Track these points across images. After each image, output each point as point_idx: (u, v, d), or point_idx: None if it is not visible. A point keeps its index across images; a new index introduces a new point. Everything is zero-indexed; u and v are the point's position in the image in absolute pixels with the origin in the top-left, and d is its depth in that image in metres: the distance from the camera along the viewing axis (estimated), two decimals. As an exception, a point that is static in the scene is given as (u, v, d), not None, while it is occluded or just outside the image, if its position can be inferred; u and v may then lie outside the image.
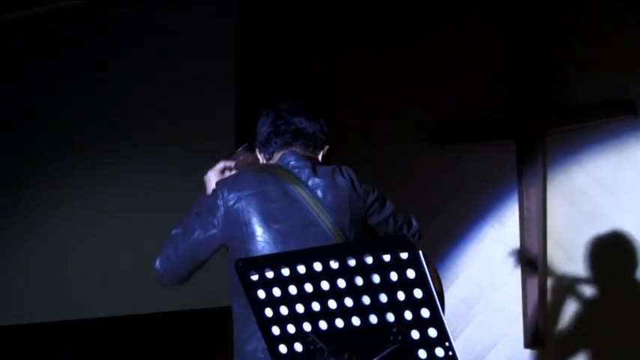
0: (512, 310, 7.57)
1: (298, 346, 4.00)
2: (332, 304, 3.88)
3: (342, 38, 8.50)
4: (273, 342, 4.05)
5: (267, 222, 5.06)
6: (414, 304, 3.78)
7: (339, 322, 3.90)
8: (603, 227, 7.49)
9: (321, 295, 3.90)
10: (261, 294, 4.00)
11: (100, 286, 8.71)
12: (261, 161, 5.34)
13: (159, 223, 8.38)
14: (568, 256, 7.41)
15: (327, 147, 5.52)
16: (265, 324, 4.04)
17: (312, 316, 3.94)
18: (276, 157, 5.27)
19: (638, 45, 7.57)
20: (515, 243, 7.63)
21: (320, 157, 5.42)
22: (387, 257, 3.75)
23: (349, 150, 8.30)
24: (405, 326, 3.81)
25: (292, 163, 5.19)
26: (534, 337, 7.43)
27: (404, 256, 3.73)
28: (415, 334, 3.80)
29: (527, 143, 7.70)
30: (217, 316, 8.29)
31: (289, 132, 5.31)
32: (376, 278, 3.79)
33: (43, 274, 8.94)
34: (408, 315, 3.79)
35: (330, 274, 3.86)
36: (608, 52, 7.65)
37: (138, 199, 8.76)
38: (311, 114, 5.45)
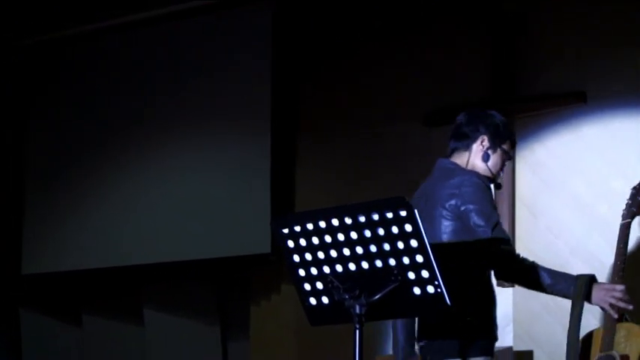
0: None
1: (319, 285, 4.03)
2: (346, 251, 3.92)
3: (351, 37, 8.41)
4: (299, 281, 4.08)
5: None
6: (410, 252, 3.81)
7: (352, 266, 3.93)
8: (559, 191, 7.46)
9: (337, 245, 3.93)
10: (290, 244, 4.03)
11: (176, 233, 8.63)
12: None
13: (204, 186, 8.47)
14: (531, 213, 7.38)
15: None
16: (293, 267, 4.07)
17: (330, 261, 3.97)
18: None
19: (589, 44, 7.50)
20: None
21: None
22: (389, 214, 3.79)
23: (352, 130, 8.32)
24: (403, 269, 3.83)
25: None
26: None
27: (403, 213, 3.77)
28: (411, 275, 3.84)
29: (500, 124, 7.67)
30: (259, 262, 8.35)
31: None
32: (381, 231, 3.83)
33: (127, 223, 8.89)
34: (405, 260, 3.82)
35: (344, 228, 3.89)
36: (565, 50, 7.58)
37: (192, 167, 8.68)
38: None
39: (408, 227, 3.77)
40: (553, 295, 4.91)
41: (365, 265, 3.90)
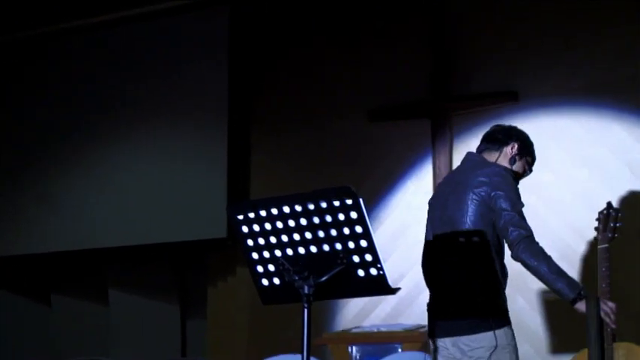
0: (426, 242, 7.61)
1: (271, 267, 4.03)
2: (296, 236, 3.92)
3: (303, 36, 8.42)
4: (252, 264, 4.08)
5: None
6: (355, 237, 3.81)
7: (301, 250, 3.93)
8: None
9: (288, 230, 3.93)
10: (245, 229, 4.03)
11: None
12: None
13: (166, 174, 8.45)
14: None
15: None
16: (247, 251, 4.07)
17: (281, 245, 3.97)
18: None
19: (522, 46, 7.55)
20: (429, 194, 7.62)
21: None
22: (336, 202, 3.79)
23: (303, 123, 8.33)
24: (348, 253, 3.84)
25: None
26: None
27: (349, 201, 3.77)
28: (356, 259, 3.84)
29: (439, 121, 7.69)
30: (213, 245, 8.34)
31: None
32: (328, 218, 3.83)
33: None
34: (350, 244, 3.82)
35: (295, 215, 3.89)
36: (499, 51, 7.62)
37: (154, 156, 8.67)
38: None
39: (354, 214, 3.78)
40: (551, 287, 4.91)
41: (313, 249, 3.90)
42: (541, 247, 4.91)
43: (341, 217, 3.80)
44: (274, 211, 3.93)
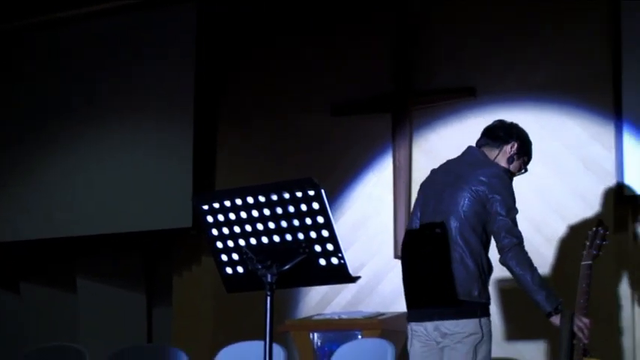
0: (386, 232, 7.61)
1: (235, 256, 4.03)
2: (260, 226, 3.92)
3: (269, 32, 8.41)
4: (217, 253, 4.07)
5: None
6: (317, 227, 3.82)
7: (265, 239, 3.93)
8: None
9: (252, 220, 3.93)
10: (209, 219, 4.03)
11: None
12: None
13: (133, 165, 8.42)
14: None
15: None
16: (212, 240, 4.06)
17: (245, 235, 3.97)
18: None
19: (481, 43, 7.57)
20: (389, 186, 7.65)
21: None
22: (299, 193, 3.79)
23: (268, 117, 8.33)
24: (310, 242, 3.84)
25: None
26: (401, 250, 7.48)
27: (311, 193, 3.78)
28: (317, 248, 3.85)
29: (400, 116, 7.71)
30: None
31: None
32: (291, 208, 3.83)
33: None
34: (312, 234, 3.83)
35: (258, 205, 3.90)
36: (458, 50, 7.66)
37: (123, 147, 8.63)
38: None
39: (316, 205, 3.78)
40: (530, 296, 4.98)
41: (276, 238, 3.90)
42: (529, 257, 5.00)
43: (303, 207, 3.81)
44: (238, 201, 3.93)
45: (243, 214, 3.94)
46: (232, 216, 3.96)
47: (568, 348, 5.09)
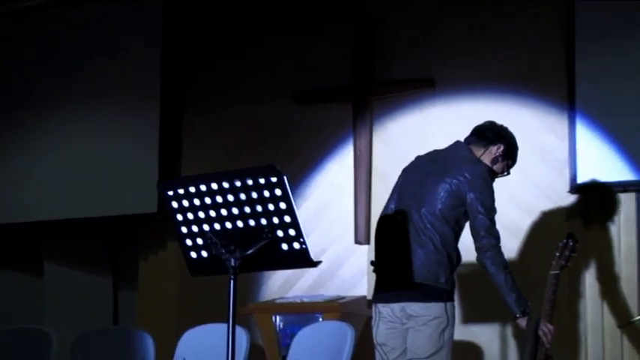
0: (347, 218, 7.61)
1: (199, 241, 4.02)
2: (223, 211, 3.91)
3: (235, 22, 8.37)
4: (181, 237, 4.06)
5: None
6: (279, 213, 3.81)
7: (228, 224, 3.92)
8: (407, 162, 7.54)
9: (216, 206, 3.92)
10: (174, 204, 4.02)
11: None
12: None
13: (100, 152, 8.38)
14: (385, 181, 7.44)
15: None
16: (176, 225, 4.05)
17: (209, 220, 3.96)
18: None
19: (438, 36, 7.58)
20: (350, 173, 7.66)
21: None
22: (261, 180, 3.79)
23: (233, 106, 8.31)
24: (273, 227, 3.83)
25: None
26: (361, 236, 7.51)
27: (274, 179, 3.77)
28: (280, 233, 3.84)
29: (360, 105, 7.71)
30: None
31: None
32: (254, 194, 3.82)
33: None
34: (275, 220, 3.82)
35: (222, 191, 3.89)
36: (418, 41, 7.67)
37: (90, 133, 8.58)
38: None
39: (278, 191, 3.77)
40: (501, 297, 5.05)
41: (240, 224, 3.89)
42: (504, 258, 5.09)
43: (266, 193, 3.80)
44: (203, 187, 3.91)
45: (208, 200, 3.92)
46: (197, 202, 3.95)
47: (532, 350, 5.17)
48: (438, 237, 5.05)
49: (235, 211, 3.88)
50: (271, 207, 3.82)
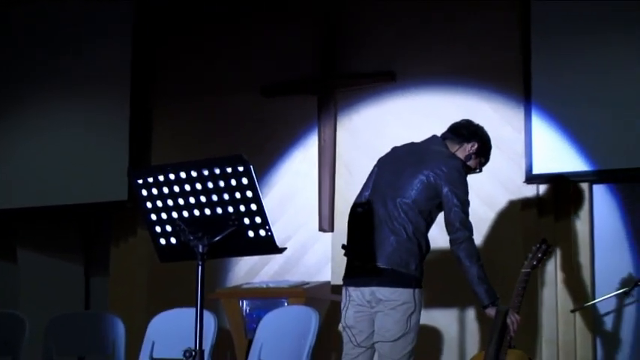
0: (312, 206, 7.61)
1: (168, 228, 4.01)
2: (192, 199, 3.90)
3: (204, 14, 8.33)
4: (151, 225, 4.04)
5: None
6: (246, 201, 3.80)
7: (197, 212, 3.91)
8: (371, 152, 7.48)
9: (184, 194, 3.91)
10: (144, 192, 4.00)
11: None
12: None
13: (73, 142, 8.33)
14: (348, 170, 7.48)
15: None
16: (146, 213, 4.03)
17: (178, 208, 3.95)
18: None
19: (400, 31, 7.59)
20: (315, 163, 7.66)
21: None
22: (229, 169, 3.78)
23: (202, 97, 8.28)
24: (239, 215, 3.83)
25: None
26: (325, 224, 7.51)
27: (240, 168, 3.77)
28: (246, 221, 3.83)
29: (325, 97, 7.71)
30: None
31: None
32: (221, 183, 3.82)
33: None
34: (242, 208, 3.82)
35: (190, 180, 3.88)
36: (380, 36, 7.67)
37: (63, 123, 8.52)
38: None
39: (245, 180, 3.76)
40: (472, 287, 5.07)
41: (207, 211, 3.88)
42: (477, 250, 5.11)
43: (233, 182, 3.79)
44: (171, 176, 3.90)
45: (176, 188, 3.91)
46: (166, 190, 3.93)
47: (499, 337, 5.23)
48: (411, 226, 5.04)
49: (203, 199, 3.87)
50: (238, 195, 3.80)
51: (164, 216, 3.98)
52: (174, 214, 3.95)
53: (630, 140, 6.52)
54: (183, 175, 3.87)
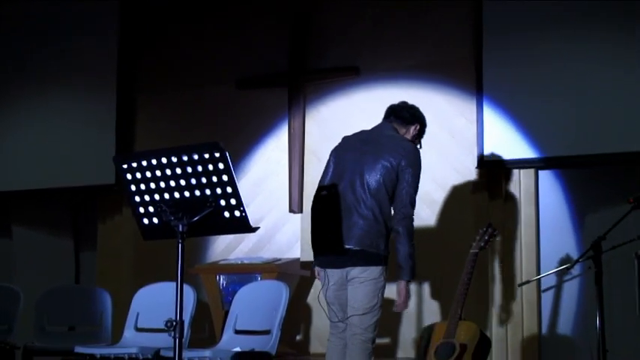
0: (282, 190, 7.58)
1: (151, 209, 3.97)
2: (172, 183, 3.87)
3: (183, 12, 8.30)
4: (135, 206, 4.00)
5: None
6: (222, 184, 3.78)
7: (177, 194, 3.88)
8: (336, 141, 7.52)
9: (165, 178, 3.88)
10: (129, 176, 3.96)
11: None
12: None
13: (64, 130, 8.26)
14: (317, 158, 7.43)
15: None
16: (130, 195, 3.99)
17: (159, 190, 3.91)
18: None
19: (364, 30, 7.58)
20: (286, 150, 7.63)
21: None
22: (206, 155, 3.75)
23: (182, 89, 8.23)
24: (216, 197, 3.80)
25: None
26: (294, 206, 7.49)
27: (217, 154, 3.74)
28: (222, 202, 3.81)
29: (295, 90, 7.68)
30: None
31: None
32: (199, 168, 3.79)
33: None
34: (218, 190, 3.79)
35: (171, 165, 3.85)
36: (345, 34, 7.65)
37: (57, 113, 8.44)
38: None
39: (221, 165, 3.74)
40: (400, 260, 5.00)
41: (187, 194, 3.85)
42: (413, 230, 5.03)
43: (210, 167, 3.76)
44: (154, 161, 3.86)
45: (158, 173, 3.87)
46: (148, 174, 3.89)
47: (462, 296, 5.31)
48: (378, 209, 4.97)
49: (183, 182, 3.84)
50: (215, 179, 3.78)
51: (147, 198, 3.94)
52: (157, 196, 3.91)
53: (572, 129, 6.54)
54: (164, 160, 3.84)
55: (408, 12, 7.42)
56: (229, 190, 3.78)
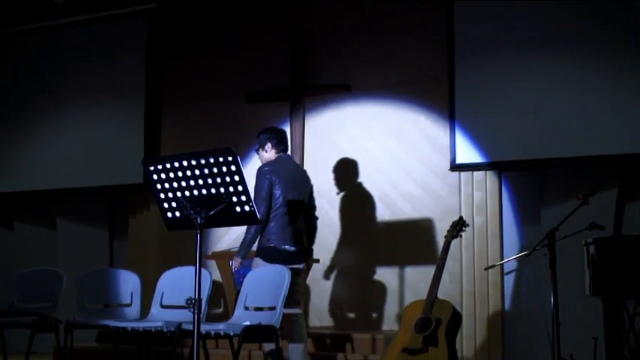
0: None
1: (174, 204, 3.98)
2: (192, 182, 3.89)
3: (201, 35, 8.29)
4: (160, 202, 4.01)
5: None
6: (233, 183, 3.80)
7: (195, 192, 3.90)
8: (331, 147, 7.53)
9: (185, 178, 3.90)
10: (155, 177, 3.97)
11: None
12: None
13: (101, 136, 8.24)
14: (314, 161, 7.46)
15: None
16: (156, 193, 4.01)
17: (181, 189, 3.93)
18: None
19: (354, 52, 7.57)
20: (288, 154, 7.63)
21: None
22: (220, 159, 3.76)
23: (199, 102, 8.21)
24: (229, 195, 3.82)
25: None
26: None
27: (229, 158, 3.76)
28: (234, 199, 3.83)
29: (295, 104, 7.68)
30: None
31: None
32: (215, 169, 3.80)
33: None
34: (231, 189, 3.81)
35: (190, 167, 3.87)
36: (340, 54, 7.64)
37: (94, 122, 8.43)
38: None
39: (233, 167, 3.76)
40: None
41: (204, 191, 3.86)
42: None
43: (224, 169, 3.78)
44: (176, 164, 3.89)
45: (180, 173, 3.89)
46: (172, 174, 3.91)
47: (438, 277, 5.32)
48: (310, 219, 5.75)
49: (200, 182, 3.86)
50: (227, 179, 3.79)
51: (170, 195, 3.96)
52: (179, 194, 3.93)
53: (533, 138, 6.54)
54: (184, 163, 3.86)
55: (393, 36, 7.43)
56: (240, 188, 3.80)
